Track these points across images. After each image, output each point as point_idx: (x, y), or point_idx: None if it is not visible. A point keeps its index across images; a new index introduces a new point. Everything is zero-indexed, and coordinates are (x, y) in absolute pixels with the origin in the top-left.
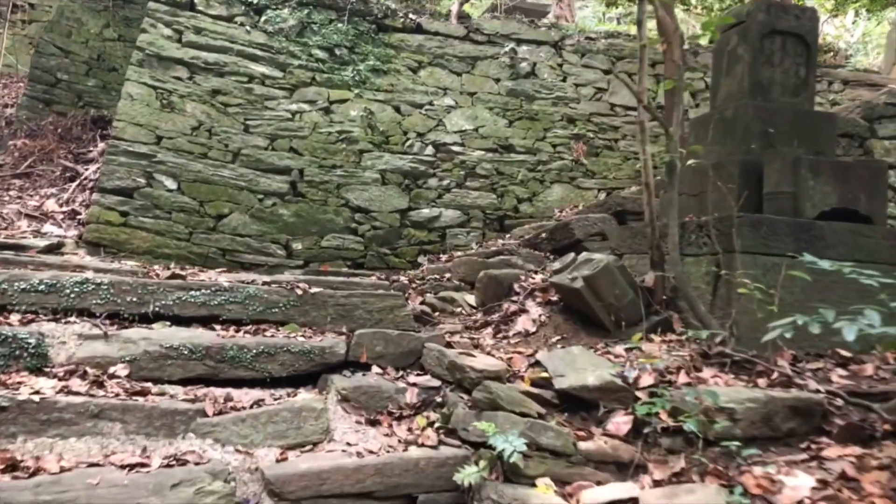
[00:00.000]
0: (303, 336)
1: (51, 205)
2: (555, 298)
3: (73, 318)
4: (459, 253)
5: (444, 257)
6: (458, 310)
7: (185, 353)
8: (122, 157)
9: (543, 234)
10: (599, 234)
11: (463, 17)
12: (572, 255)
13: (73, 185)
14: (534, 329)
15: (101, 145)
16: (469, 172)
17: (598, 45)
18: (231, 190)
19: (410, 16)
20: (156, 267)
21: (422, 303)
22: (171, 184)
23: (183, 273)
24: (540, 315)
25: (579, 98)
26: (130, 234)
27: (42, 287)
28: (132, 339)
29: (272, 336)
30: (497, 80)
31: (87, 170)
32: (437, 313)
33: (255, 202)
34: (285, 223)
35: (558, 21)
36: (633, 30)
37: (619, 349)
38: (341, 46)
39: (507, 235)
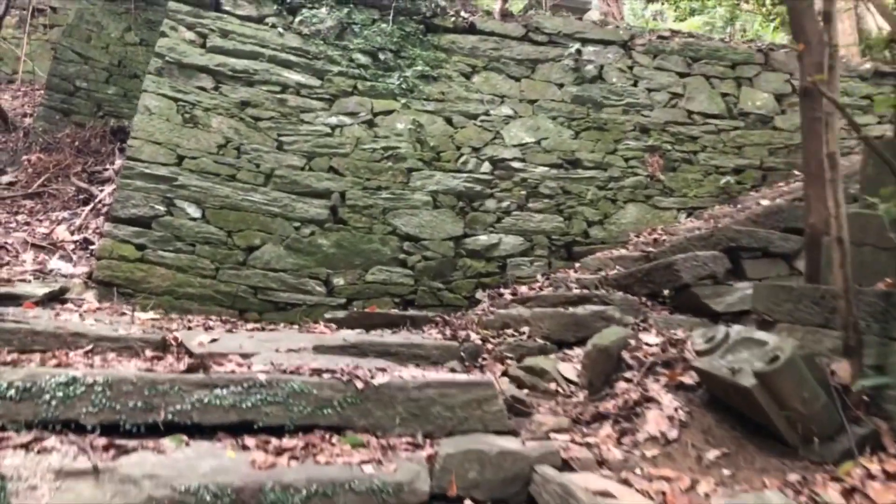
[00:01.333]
0: (366, 448)
1: (61, 232)
2: (689, 382)
3: (51, 442)
4: (524, 288)
5: (506, 292)
6: (552, 386)
7: (208, 499)
8: (138, 181)
9: (638, 274)
10: (711, 277)
11: (507, 15)
12: (722, 330)
13: (87, 209)
14: (674, 433)
15: (118, 161)
16: (531, 192)
17: (671, 44)
18: (263, 217)
19: (462, 14)
20: (172, 325)
21: (503, 374)
22: (194, 211)
23: (204, 360)
24: (676, 409)
25: (652, 105)
26: (148, 270)
27: (12, 393)
28: (133, 476)
29: (327, 462)
30: (560, 86)
31: (102, 191)
32: (524, 390)
33: (290, 231)
34: (325, 255)
35: (606, 18)
36: (692, 27)
37: (832, 492)
38: (385, 50)
39: (577, 265)
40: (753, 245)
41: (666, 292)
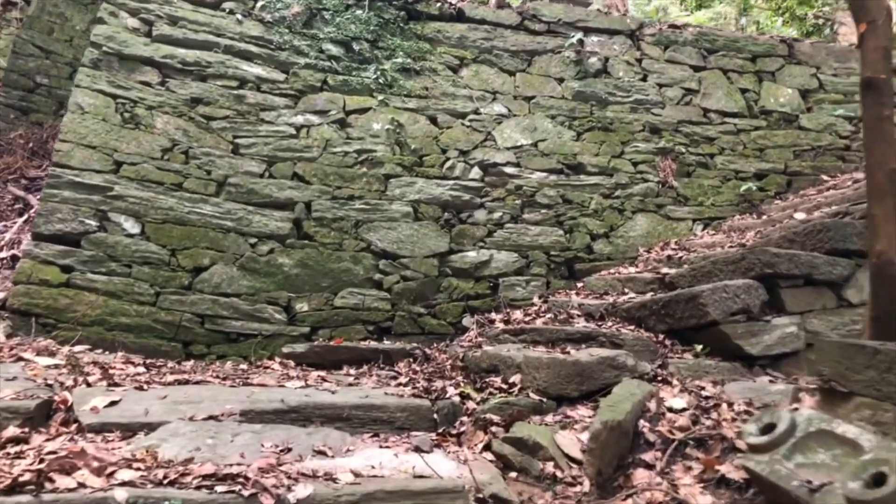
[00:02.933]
0: None
1: None
2: (734, 476)
3: None
4: (519, 313)
5: (497, 317)
6: (549, 468)
7: None
8: (65, 191)
9: (653, 306)
10: (744, 312)
11: (503, 6)
12: (786, 417)
13: (21, 220)
14: None
15: None
16: (527, 201)
17: (685, 34)
18: (213, 233)
19: (449, 0)
20: (87, 364)
21: (485, 447)
22: (132, 226)
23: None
24: None
25: (664, 102)
26: (74, 297)
27: None
28: None
29: None
30: (560, 81)
31: (39, 199)
32: (512, 473)
33: (245, 249)
34: (286, 276)
35: (609, 11)
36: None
37: None
38: (361, 40)
39: (580, 285)
40: (794, 272)
41: (684, 325)
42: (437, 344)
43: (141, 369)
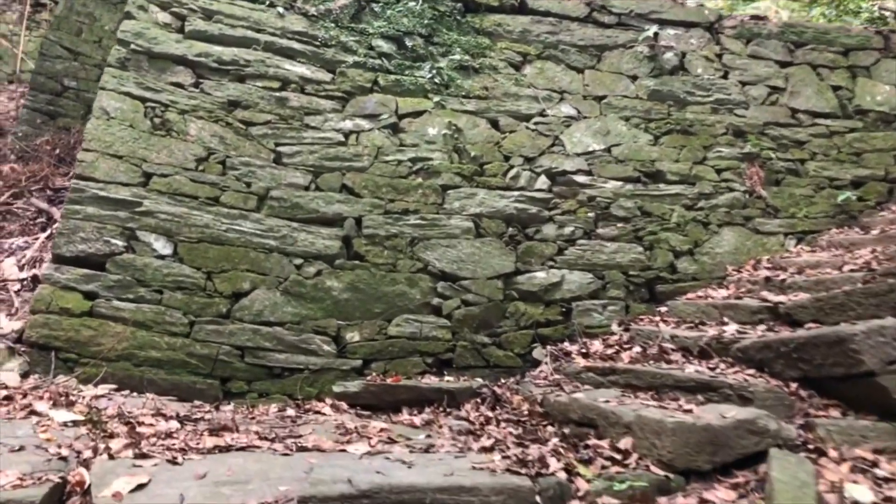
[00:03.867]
0: None
1: (8, 266)
2: None
3: None
4: (598, 344)
5: (573, 349)
6: None
7: None
8: (89, 207)
9: (781, 348)
10: None
11: None
12: None
13: (43, 235)
14: None
15: None
16: (601, 214)
17: (769, 26)
18: (254, 253)
19: None
20: (109, 417)
21: None
22: (163, 246)
23: None
24: None
25: (747, 101)
26: (99, 328)
27: None
28: None
29: None
30: (633, 78)
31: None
32: None
33: (289, 271)
34: (335, 302)
35: (684, 0)
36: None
37: None
38: (414, 35)
39: (663, 310)
40: None
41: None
42: (506, 379)
43: (174, 424)
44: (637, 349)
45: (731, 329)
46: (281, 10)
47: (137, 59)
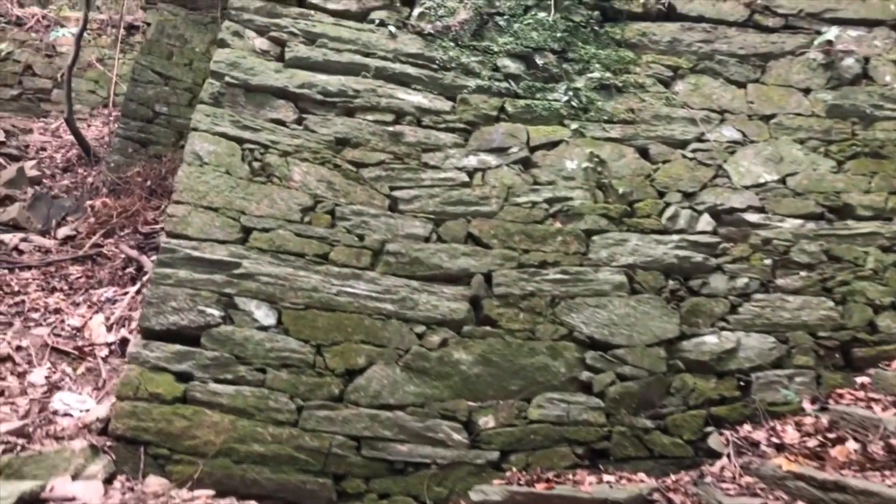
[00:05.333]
0: None
1: (97, 326)
2: None
3: None
4: (790, 431)
5: (759, 435)
6: None
7: None
8: (181, 271)
9: None
10: None
11: None
12: None
13: (133, 289)
14: None
15: None
16: (780, 260)
17: None
18: (369, 320)
19: None
20: None
21: None
22: (265, 315)
23: None
24: None
25: None
26: (193, 417)
27: None
28: None
29: None
30: (806, 92)
31: (153, 260)
32: None
33: (410, 341)
34: (464, 378)
35: None
36: None
37: None
38: (545, 51)
39: (865, 380)
40: None
41: None
42: (676, 475)
43: None
44: (853, 445)
45: None
46: (392, 29)
47: (233, 93)
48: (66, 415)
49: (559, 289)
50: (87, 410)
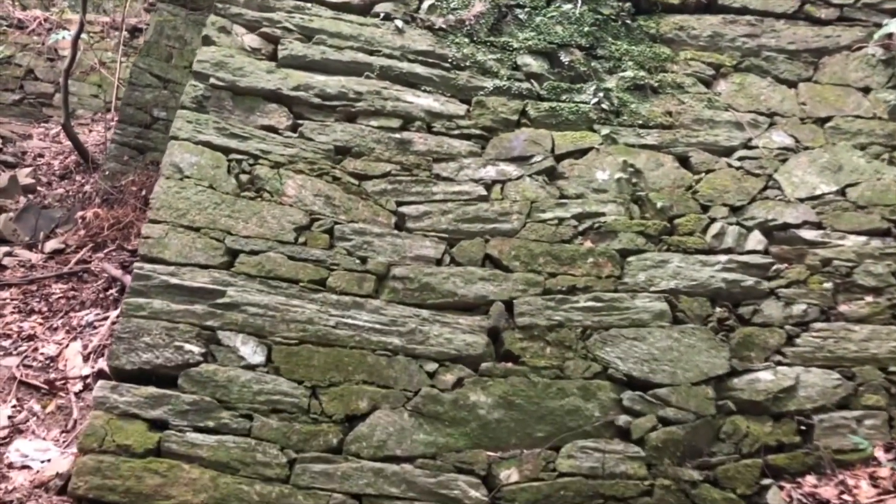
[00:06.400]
0: None
1: (72, 355)
2: None
3: None
4: (864, 486)
5: (827, 492)
6: None
7: None
8: (156, 300)
9: None
10: None
11: None
12: None
13: (112, 315)
14: None
15: None
16: (842, 284)
17: None
18: (372, 357)
19: None
20: None
21: None
22: (252, 352)
23: None
24: None
25: None
26: (169, 474)
27: None
28: None
29: None
30: (865, 91)
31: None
32: None
33: (420, 381)
34: (482, 424)
35: None
36: None
37: None
38: (570, 47)
39: None
40: None
41: None
42: None
43: None
44: None
45: None
46: (399, 23)
47: (219, 96)
48: (23, 467)
49: (591, 318)
50: (48, 461)
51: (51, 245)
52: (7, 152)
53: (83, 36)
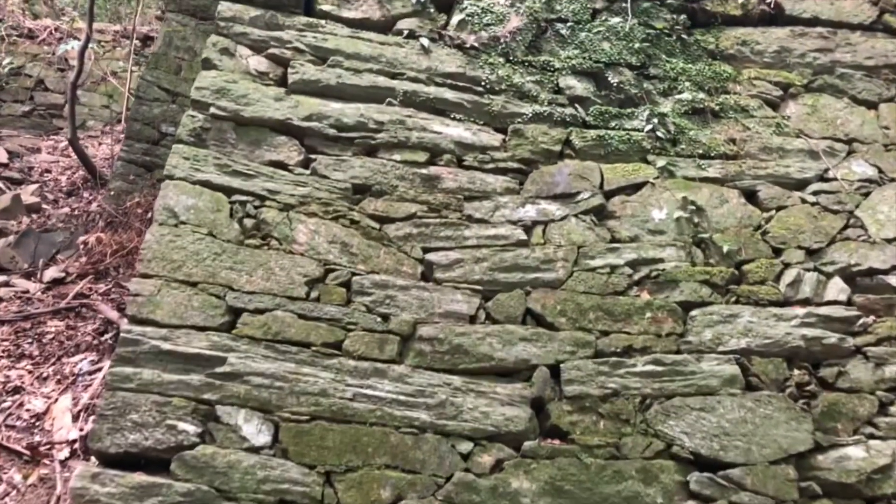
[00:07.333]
0: None
1: (61, 413)
2: None
3: None
4: None
5: None
6: None
7: None
8: (146, 370)
9: None
10: None
11: None
12: None
13: (106, 366)
14: None
15: None
16: None
17: None
18: (396, 436)
19: None
20: None
21: None
22: (256, 431)
23: None
24: None
25: None
26: None
27: None
28: None
29: None
30: None
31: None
32: None
33: (452, 464)
34: None
35: None
36: None
37: None
38: (619, 66)
39: None
40: None
41: None
42: None
43: None
44: None
45: None
46: (425, 42)
47: (220, 128)
48: None
49: (651, 385)
50: None
51: (50, 273)
52: (14, 168)
53: (93, 46)
